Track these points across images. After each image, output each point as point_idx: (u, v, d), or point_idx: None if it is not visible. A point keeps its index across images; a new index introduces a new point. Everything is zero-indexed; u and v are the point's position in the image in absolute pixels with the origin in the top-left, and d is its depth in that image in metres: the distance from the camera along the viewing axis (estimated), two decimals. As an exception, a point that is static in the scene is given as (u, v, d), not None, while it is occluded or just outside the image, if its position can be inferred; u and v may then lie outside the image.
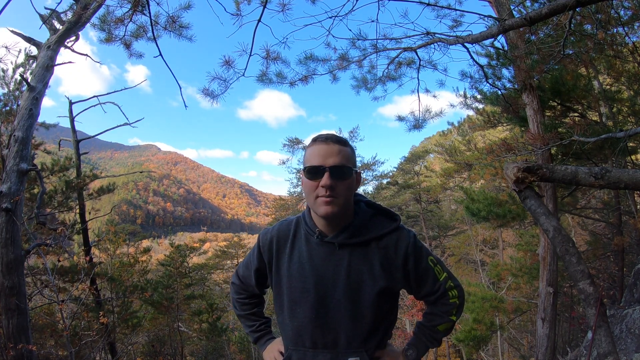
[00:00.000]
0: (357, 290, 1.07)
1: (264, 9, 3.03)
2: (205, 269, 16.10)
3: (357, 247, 1.09)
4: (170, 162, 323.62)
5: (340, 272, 1.08)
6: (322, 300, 1.08)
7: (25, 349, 4.04)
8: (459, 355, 13.54)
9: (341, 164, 1.06)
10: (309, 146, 1.12)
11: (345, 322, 1.07)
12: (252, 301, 1.38)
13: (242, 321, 1.42)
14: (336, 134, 1.13)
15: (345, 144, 1.10)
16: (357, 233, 1.10)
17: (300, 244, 1.15)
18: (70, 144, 8.22)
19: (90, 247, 7.99)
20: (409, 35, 3.90)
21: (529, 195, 0.55)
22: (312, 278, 1.09)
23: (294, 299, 1.12)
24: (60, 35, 5.06)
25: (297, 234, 1.18)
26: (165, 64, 3.44)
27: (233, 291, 1.40)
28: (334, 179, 1.04)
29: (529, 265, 8.48)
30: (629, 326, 3.79)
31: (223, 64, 3.44)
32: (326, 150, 1.06)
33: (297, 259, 1.14)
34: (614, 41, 4.20)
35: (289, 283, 1.13)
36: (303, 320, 1.10)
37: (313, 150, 1.08)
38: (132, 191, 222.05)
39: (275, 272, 1.18)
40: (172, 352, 9.07)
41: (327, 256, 1.10)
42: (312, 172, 1.06)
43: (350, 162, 1.09)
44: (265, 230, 1.27)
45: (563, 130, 4.78)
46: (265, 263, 1.22)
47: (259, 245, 1.24)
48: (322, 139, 1.09)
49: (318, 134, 1.14)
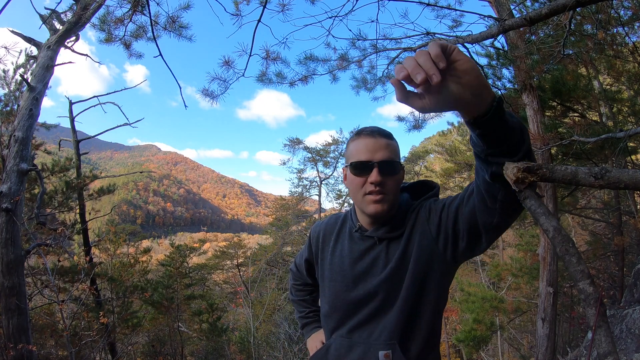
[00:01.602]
0: (393, 282, 1.03)
1: (264, 9, 3.03)
2: (205, 269, 16.09)
3: (396, 239, 1.05)
4: (170, 162, 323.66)
5: (379, 265, 1.05)
6: (360, 293, 1.06)
7: (26, 349, 4.04)
8: (459, 355, 13.55)
9: (390, 158, 1.01)
10: (352, 140, 1.07)
11: (381, 315, 1.04)
12: (306, 288, 1.41)
13: (295, 306, 1.45)
14: (380, 128, 1.07)
15: (391, 138, 1.06)
16: (398, 225, 1.05)
17: (344, 238, 1.15)
18: (70, 144, 8.23)
19: (91, 247, 8.00)
20: (409, 36, 3.89)
21: (529, 196, 0.55)
22: (351, 272, 1.09)
23: (335, 292, 1.11)
24: (60, 35, 5.07)
25: (342, 229, 1.18)
26: (165, 64, 3.44)
27: (290, 277, 1.47)
28: (384, 174, 0.99)
29: (529, 265, 8.49)
30: (629, 326, 3.79)
31: (223, 64, 3.44)
32: (374, 145, 1.01)
33: (339, 252, 1.14)
34: (614, 41, 4.20)
35: (331, 276, 1.13)
36: (343, 312, 1.09)
37: (359, 145, 1.03)
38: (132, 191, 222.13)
39: (320, 264, 1.20)
40: (172, 352, 9.07)
41: (366, 250, 1.08)
42: (360, 167, 1.01)
43: (398, 157, 1.05)
44: (317, 222, 1.30)
45: (563, 131, 4.78)
46: (313, 254, 1.24)
47: (309, 237, 1.28)
48: (367, 132, 1.04)
49: (361, 127, 1.08)
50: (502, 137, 0.70)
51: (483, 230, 0.88)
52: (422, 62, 0.58)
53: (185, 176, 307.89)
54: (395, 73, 0.62)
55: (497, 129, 0.69)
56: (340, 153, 17.24)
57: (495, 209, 0.81)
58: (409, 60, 0.60)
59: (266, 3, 3.02)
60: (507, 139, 0.70)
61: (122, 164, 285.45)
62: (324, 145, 17.95)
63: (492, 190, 0.78)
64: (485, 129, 0.69)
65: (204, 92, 3.67)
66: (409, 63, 0.59)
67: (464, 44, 3.44)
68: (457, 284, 9.41)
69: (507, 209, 0.81)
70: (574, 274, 0.49)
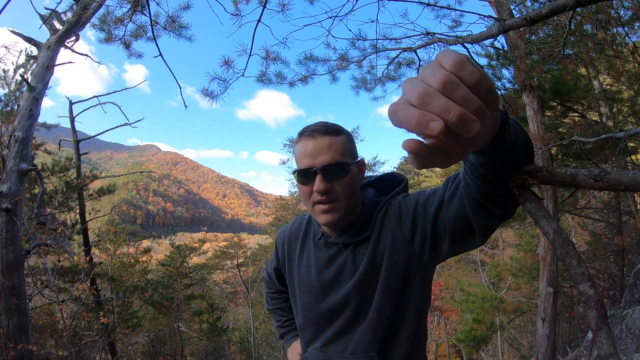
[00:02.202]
0: (364, 291, 0.93)
1: (264, 9, 3.03)
2: (205, 269, 16.09)
3: (363, 243, 0.95)
4: (170, 162, 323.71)
5: (346, 272, 0.95)
6: (330, 305, 0.98)
7: (26, 349, 4.04)
8: (459, 355, 13.54)
9: (334, 161, 0.88)
10: (296, 142, 0.94)
11: (355, 327, 0.95)
12: (281, 296, 1.32)
13: (272, 315, 1.38)
14: (326, 122, 0.93)
15: (337, 133, 0.91)
16: (363, 228, 0.94)
17: (309, 246, 1.06)
18: (70, 144, 8.23)
19: (91, 247, 8.00)
20: (408, 36, 3.89)
21: (529, 198, 0.55)
22: (318, 282, 1.00)
23: (305, 304, 1.03)
24: (60, 35, 5.07)
25: (307, 234, 1.08)
26: (165, 64, 3.44)
27: (264, 285, 1.38)
28: (329, 180, 0.88)
29: (529, 265, 8.49)
30: (629, 326, 3.79)
31: (223, 64, 3.44)
32: (314, 147, 0.88)
33: (305, 261, 1.05)
34: (614, 41, 4.20)
35: (299, 287, 1.05)
36: (315, 325, 1.02)
37: (300, 148, 0.91)
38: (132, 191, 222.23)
39: (289, 273, 1.11)
40: (172, 352, 9.07)
41: (332, 258, 0.98)
42: (303, 175, 0.89)
43: (347, 154, 0.91)
44: (282, 228, 1.20)
45: (563, 131, 4.78)
46: (281, 263, 1.16)
47: (275, 244, 1.19)
48: (307, 133, 0.90)
49: (305, 125, 0.94)
50: (513, 156, 0.59)
51: (479, 231, 0.77)
52: (457, 98, 0.33)
53: (185, 176, 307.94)
54: (401, 117, 0.34)
55: (508, 148, 0.56)
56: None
57: (497, 214, 0.73)
58: (427, 94, 0.32)
59: (266, 3, 3.02)
60: (517, 155, 0.60)
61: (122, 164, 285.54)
62: (324, 145, 17.94)
63: (495, 200, 0.69)
64: (497, 151, 0.56)
65: (204, 92, 3.68)
66: (429, 101, 0.32)
67: (464, 44, 3.44)
68: (457, 284, 9.42)
69: (508, 209, 0.73)
70: (575, 276, 0.49)
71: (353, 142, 0.96)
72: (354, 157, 0.93)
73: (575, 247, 0.51)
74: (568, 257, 0.51)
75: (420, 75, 0.36)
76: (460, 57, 0.34)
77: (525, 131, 0.63)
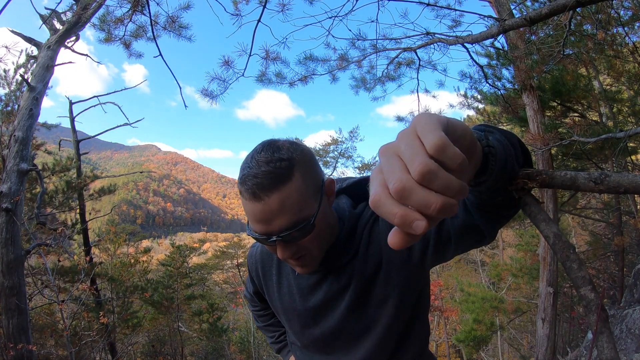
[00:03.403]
0: (359, 315, 0.85)
1: (264, 9, 3.03)
2: (206, 269, 16.09)
3: (349, 263, 0.84)
4: (170, 162, 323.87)
5: (334, 297, 0.86)
6: (325, 331, 0.89)
7: (26, 349, 4.05)
8: (459, 355, 13.55)
9: (292, 223, 0.69)
10: (240, 193, 0.71)
11: (358, 347, 0.87)
12: (267, 312, 1.21)
13: (263, 332, 1.28)
14: (269, 159, 0.68)
15: (286, 180, 0.67)
16: (346, 249, 0.83)
17: (287, 272, 0.93)
18: (70, 144, 8.23)
19: (91, 247, 8.00)
20: (408, 36, 3.90)
21: (529, 202, 0.54)
22: (305, 310, 0.89)
23: (296, 330, 0.95)
24: (61, 35, 5.07)
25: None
26: (165, 64, 3.44)
27: (248, 303, 1.26)
28: (292, 244, 0.73)
29: (529, 265, 8.50)
30: (629, 326, 3.79)
31: (222, 64, 3.45)
32: (263, 212, 0.68)
33: (286, 289, 0.93)
34: (614, 41, 4.20)
35: (285, 315, 0.95)
36: (314, 347, 0.95)
37: (247, 208, 0.70)
38: (132, 191, 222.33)
39: (270, 299, 0.99)
40: (172, 352, 9.08)
41: (315, 285, 0.87)
42: (261, 240, 0.73)
43: (307, 203, 0.71)
44: (251, 249, 1.03)
45: (563, 131, 4.77)
46: (259, 287, 1.03)
47: (248, 269, 1.05)
48: (249, 194, 0.68)
49: (242, 169, 0.71)
50: (504, 175, 0.57)
51: (488, 233, 0.72)
52: (437, 187, 0.31)
53: (185, 176, 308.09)
54: (383, 213, 0.32)
55: (495, 174, 0.54)
56: (340, 152, 17.23)
57: (505, 216, 0.70)
58: (404, 190, 0.31)
59: (266, 3, 3.02)
60: (509, 172, 0.58)
61: (122, 164, 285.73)
62: (324, 145, 17.90)
63: (500, 205, 0.66)
64: (483, 182, 0.54)
65: (204, 92, 3.68)
66: (407, 196, 0.31)
67: (463, 44, 3.44)
68: (457, 284, 9.42)
69: (513, 208, 0.70)
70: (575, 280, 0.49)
71: (310, 171, 0.73)
72: (315, 195, 0.73)
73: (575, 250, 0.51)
74: (568, 260, 0.51)
75: (397, 147, 0.34)
76: (440, 140, 0.32)
77: (513, 138, 0.61)
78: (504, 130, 0.61)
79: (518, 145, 0.62)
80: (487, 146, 0.51)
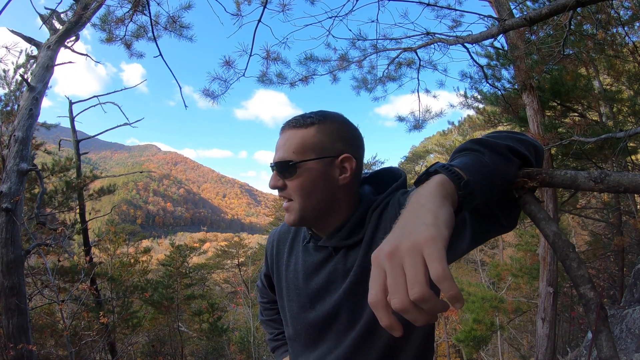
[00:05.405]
0: (356, 299, 0.83)
1: (264, 9, 3.03)
2: (206, 269, 16.09)
3: (355, 246, 0.84)
4: (170, 162, 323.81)
5: (336, 279, 0.85)
6: (319, 315, 0.88)
7: (26, 349, 4.05)
8: (459, 355, 13.56)
9: (283, 158, 0.80)
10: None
11: (348, 342, 0.85)
12: (274, 307, 1.20)
13: (264, 327, 1.26)
14: (313, 112, 0.85)
15: (306, 126, 0.81)
16: (356, 230, 0.84)
17: (297, 249, 0.95)
18: (70, 144, 8.23)
19: (91, 247, 8.00)
20: (409, 36, 3.90)
21: (529, 201, 0.54)
22: (306, 289, 0.90)
23: (293, 314, 0.94)
24: (60, 35, 5.07)
25: (297, 237, 0.98)
26: (165, 64, 3.44)
27: (258, 294, 1.27)
28: (281, 178, 0.82)
29: (529, 265, 8.50)
30: (629, 326, 3.79)
31: (223, 64, 3.45)
32: (278, 142, 0.84)
33: (293, 266, 0.95)
34: (614, 41, 4.20)
35: (287, 294, 0.95)
36: (305, 338, 0.92)
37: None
38: (132, 191, 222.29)
39: (277, 280, 1.01)
40: (172, 352, 9.08)
41: (321, 262, 0.88)
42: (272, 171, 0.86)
43: (300, 153, 0.80)
44: (272, 231, 1.11)
45: (563, 131, 4.78)
46: (270, 269, 1.06)
47: (265, 249, 1.10)
48: (283, 126, 0.86)
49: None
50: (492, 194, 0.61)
51: (493, 231, 0.74)
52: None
53: (185, 176, 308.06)
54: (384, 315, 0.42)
55: (479, 202, 0.58)
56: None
57: (512, 213, 0.72)
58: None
59: (266, 3, 3.02)
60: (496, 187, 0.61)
61: (122, 164, 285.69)
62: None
63: (506, 211, 0.69)
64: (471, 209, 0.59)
65: (205, 92, 3.68)
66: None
67: (464, 44, 3.44)
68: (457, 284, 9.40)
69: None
70: (575, 279, 0.49)
71: (329, 136, 0.81)
72: (317, 153, 0.80)
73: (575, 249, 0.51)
74: (568, 259, 0.51)
75: (402, 258, 0.42)
76: (443, 273, 0.39)
77: (507, 147, 0.63)
78: (496, 142, 0.63)
79: (516, 152, 0.64)
80: (461, 194, 0.54)
